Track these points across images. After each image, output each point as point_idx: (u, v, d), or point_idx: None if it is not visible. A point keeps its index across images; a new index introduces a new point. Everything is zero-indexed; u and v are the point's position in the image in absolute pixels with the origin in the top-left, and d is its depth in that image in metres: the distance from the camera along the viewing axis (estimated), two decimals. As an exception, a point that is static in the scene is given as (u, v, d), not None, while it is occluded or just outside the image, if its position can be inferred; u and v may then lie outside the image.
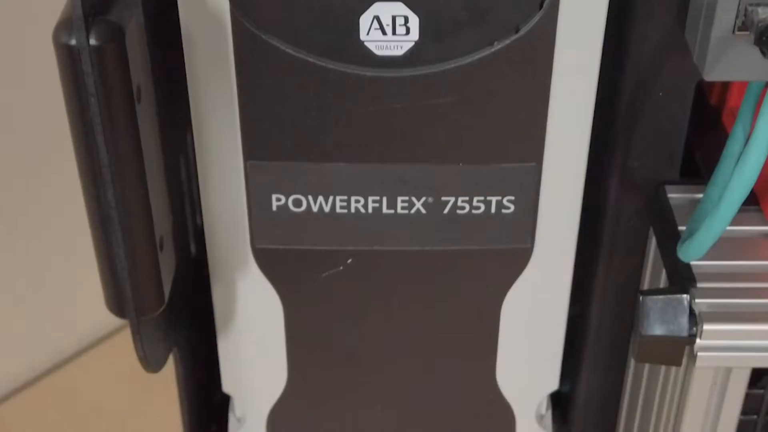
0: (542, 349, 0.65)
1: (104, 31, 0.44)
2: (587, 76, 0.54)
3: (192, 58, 0.53)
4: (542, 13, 0.51)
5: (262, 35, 0.51)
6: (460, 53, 0.52)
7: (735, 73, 0.52)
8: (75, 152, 0.47)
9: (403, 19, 0.51)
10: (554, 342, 0.65)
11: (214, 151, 0.56)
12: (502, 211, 0.57)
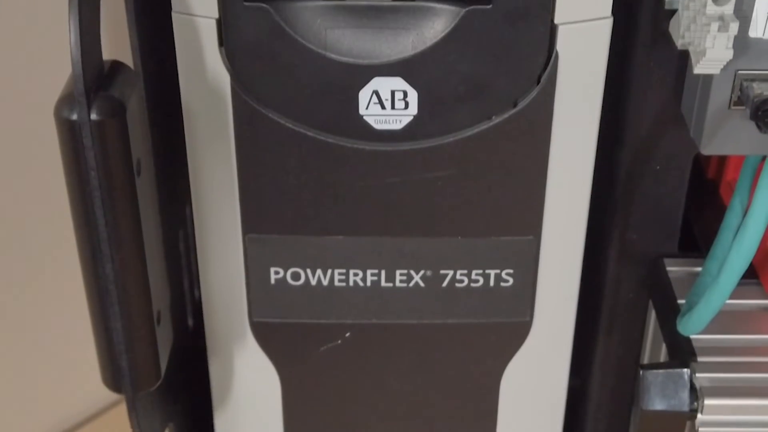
0: (542, 422, 0.64)
1: (106, 106, 0.44)
2: (585, 149, 0.54)
3: (192, 131, 0.53)
4: (540, 87, 0.51)
5: (262, 109, 0.52)
6: (459, 127, 0.52)
7: (731, 147, 0.53)
8: (74, 226, 0.47)
9: (402, 93, 0.51)
10: (554, 415, 0.64)
11: (213, 224, 0.56)
12: (501, 284, 0.57)
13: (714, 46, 0.48)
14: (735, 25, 0.47)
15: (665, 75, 0.54)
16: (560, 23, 0.50)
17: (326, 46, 0.50)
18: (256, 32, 0.50)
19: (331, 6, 0.50)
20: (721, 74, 0.50)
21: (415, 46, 0.50)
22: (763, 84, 0.50)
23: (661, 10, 0.52)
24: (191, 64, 0.51)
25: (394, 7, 0.50)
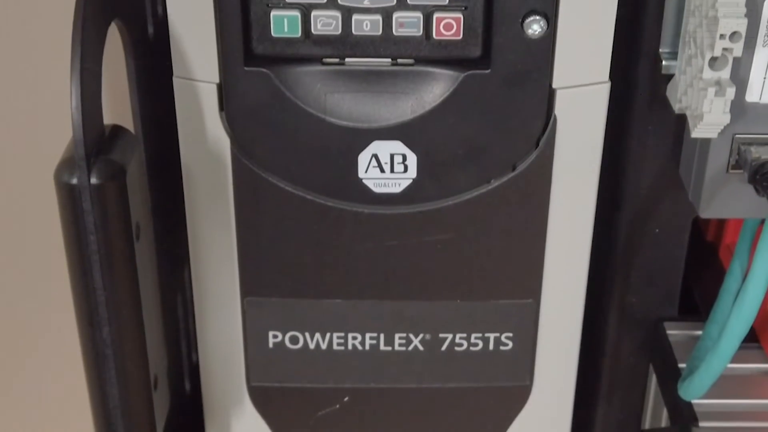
0: (543, 489, 0.63)
1: (105, 170, 0.44)
2: (584, 212, 0.54)
3: (192, 194, 0.54)
4: (539, 151, 0.52)
5: (262, 173, 0.52)
6: (458, 191, 0.52)
7: (730, 210, 0.53)
8: (72, 289, 0.47)
9: (401, 157, 0.51)
10: (555, 481, 0.63)
11: (211, 287, 0.56)
12: (501, 348, 0.57)
13: (711, 111, 0.48)
14: (732, 90, 0.48)
15: (663, 138, 0.54)
16: (558, 87, 0.50)
17: (326, 110, 0.50)
18: (257, 96, 0.50)
19: (331, 70, 0.50)
20: (718, 138, 0.50)
21: (415, 110, 0.50)
22: (761, 147, 0.50)
23: (658, 74, 0.52)
24: (192, 128, 0.51)
25: (394, 71, 0.50)
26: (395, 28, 0.49)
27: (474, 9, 0.49)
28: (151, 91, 0.52)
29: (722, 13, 0.46)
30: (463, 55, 0.50)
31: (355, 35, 0.49)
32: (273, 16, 0.48)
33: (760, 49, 0.49)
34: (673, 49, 0.52)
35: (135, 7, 0.50)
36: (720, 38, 0.46)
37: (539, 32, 0.49)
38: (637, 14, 0.52)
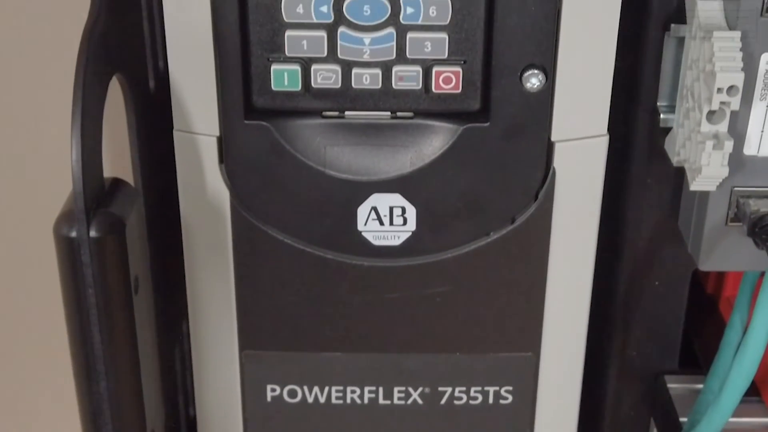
0: None
1: (105, 223, 0.44)
2: (583, 265, 0.54)
3: (191, 246, 0.53)
4: (537, 204, 0.52)
5: (261, 225, 0.52)
6: (457, 243, 0.52)
7: (729, 263, 0.53)
8: (69, 342, 0.47)
9: (400, 209, 0.51)
10: None
11: (209, 340, 0.56)
12: (500, 401, 0.57)
13: (709, 164, 0.48)
14: (729, 143, 0.48)
15: (662, 191, 0.54)
16: (557, 140, 0.51)
17: (325, 163, 0.50)
18: (257, 149, 0.50)
19: (330, 123, 0.50)
20: (717, 191, 0.50)
21: (414, 163, 0.51)
22: (760, 200, 0.51)
23: (657, 127, 0.52)
24: (191, 181, 0.51)
25: (393, 124, 0.50)
26: (395, 82, 0.49)
27: (473, 63, 0.49)
28: (151, 144, 0.52)
29: (719, 67, 0.46)
30: (462, 108, 0.50)
31: (354, 88, 0.49)
32: (273, 70, 0.49)
33: (757, 102, 0.49)
34: (671, 103, 0.52)
35: (136, 61, 0.50)
36: (717, 92, 0.47)
37: (538, 86, 0.49)
38: (635, 68, 0.52)
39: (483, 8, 0.48)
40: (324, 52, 0.49)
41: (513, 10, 0.47)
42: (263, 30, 0.48)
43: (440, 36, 0.48)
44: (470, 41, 0.49)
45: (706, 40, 0.47)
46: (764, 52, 0.48)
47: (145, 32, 0.50)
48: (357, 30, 0.48)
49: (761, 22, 0.47)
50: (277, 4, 0.47)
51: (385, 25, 0.48)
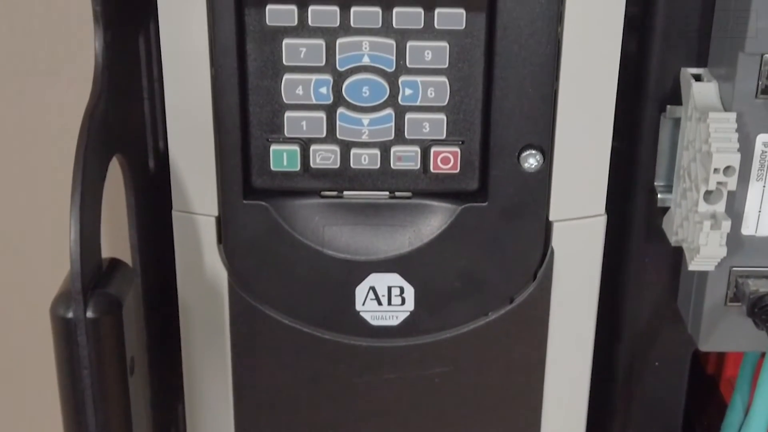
0: None
1: (102, 303, 0.44)
2: (582, 345, 0.54)
3: (187, 327, 0.53)
4: (536, 283, 0.52)
5: (259, 305, 0.51)
6: (455, 323, 0.52)
7: (730, 343, 0.52)
8: (63, 423, 0.46)
9: (398, 289, 0.51)
10: None
11: (205, 422, 0.55)
12: (501, 483, 0.56)
13: (707, 244, 0.48)
14: (727, 223, 0.48)
15: (661, 271, 0.54)
16: (555, 220, 0.51)
17: (324, 243, 0.50)
18: (255, 229, 0.50)
19: (329, 203, 0.50)
20: (715, 271, 0.50)
21: (412, 243, 0.51)
22: (759, 281, 0.51)
23: (654, 207, 0.53)
24: (189, 261, 0.51)
25: (392, 204, 0.51)
26: (393, 162, 0.50)
27: (471, 143, 0.49)
28: (149, 224, 0.52)
29: (715, 147, 0.47)
30: (460, 188, 0.50)
31: (353, 169, 0.50)
32: (272, 151, 0.49)
33: (754, 182, 0.49)
34: (668, 183, 0.52)
35: (137, 142, 0.50)
36: (714, 172, 0.47)
37: (535, 166, 0.49)
38: (632, 148, 0.52)
39: (481, 89, 0.48)
40: (323, 133, 0.49)
41: (510, 91, 0.48)
42: (263, 111, 0.49)
43: (438, 117, 0.49)
44: (468, 122, 0.49)
45: (702, 121, 0.48)
46: (760, 133, 0.49)
47: (146, 113, 0.51)
48: (356, 111, 0.49)
49: (756, 103, 0.48)
50: (277, 86, 0.48)
51: (383, 106, 0.49)
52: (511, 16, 0.47)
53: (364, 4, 0.47)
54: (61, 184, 0.46)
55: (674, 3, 0.49)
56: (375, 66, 0.48)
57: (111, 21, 0.46)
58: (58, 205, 0.51)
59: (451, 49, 0.48)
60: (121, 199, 0.51)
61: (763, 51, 0.47)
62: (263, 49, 0.47)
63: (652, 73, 0.51)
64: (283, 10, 0.47)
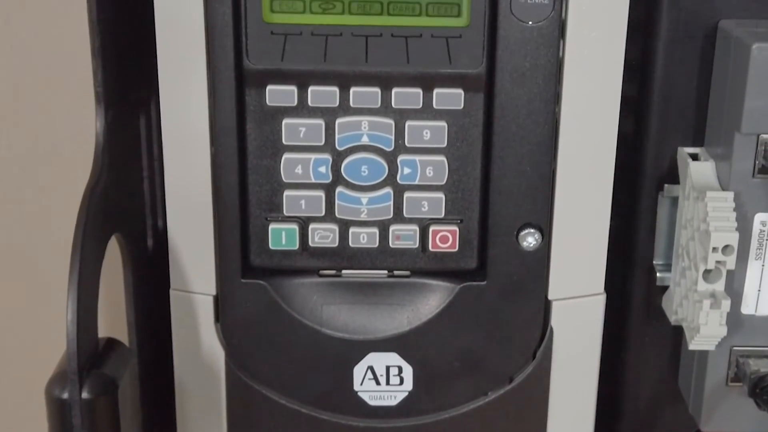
0: None
1: (97, 384, 0.43)
2: (583, 424, 0.54)
3: (184, 406, 0.53)
4: (535, 363, 0.51)
5: (256, 385, 0.51)
6: (454, 403, 0.52)
7: (731, 423, 0.52)
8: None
9: (397, 369, 0.51)
10: None
11: (200, 504, 0.54)
12: None
13: (707, 323, 0.48)
14: (727, 303, 0.48)
15: (661, 350, 0.54)
16: (554, 299, 0.51)
17: (322, 322, 0.50)
18: (253, 308, 0.50)
19: (327, 282, 0.50)
20: (716, 350, 0.50)
21: (411, 322, 0.50)
22: (760, 360, 0.50)
23: (653, 286, 0.53)
24: (186, 340, 0.51)
25: (390, 283, 0.50)
26: (392, 241, 0.50)
27: (469, 222, 0.49)
28: (147, 303, 0.52)
29: (714, 226, 0.47)
30: (458, 266, 0.50)
31: (352, 247, 0.50)
32: (271, 229, 0.49)
33: (753, 261, 0.49)
34: (667, 261, 0.52)
35: (136, 220, 0.50)
36: (713, 251, 0.47)
37: (534, 245, 0.49)
38: (630, 226, 0.52)
39: (479, 168, 0.49)
40: (322, 212, 0.49)
41: (509, 170, 0.48)
42: (262, 190, 0.49)
43: (437, 196, 0.49)
44: (467, 201, 0.49)
45: (700, 200, 0.48)
46: (757, 212, 0.49)
47: (146, 192, 0.51)
48: (355, 190, 0.49)
49: (753, 183, 0.48)
50: (276, 165, 0.48)
51: (382, 185, 0.49)
52: (508, 96, 0.47)
53: (364, 85, 0.47)
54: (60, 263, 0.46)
55: (670, 83, 0.50)
56: (374, 145, 0.48)
57: (112, 101, 0.46)
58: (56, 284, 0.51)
59: (450, 128, 0.48)
60: (118, 278, 0.51)
61: (760, 131, 0.47)
62: (263, 129, 0.48)
63: (649, 152, 0.51)
64: (283, 90, 0.47)
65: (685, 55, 0.49)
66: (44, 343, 0.63)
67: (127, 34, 0.48)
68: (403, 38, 0.46)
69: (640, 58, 0.50)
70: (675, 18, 0.49)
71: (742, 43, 0.46)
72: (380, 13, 0.46)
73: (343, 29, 0.46)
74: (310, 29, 0.46)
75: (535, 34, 0.46)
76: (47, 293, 0.68)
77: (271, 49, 0.46)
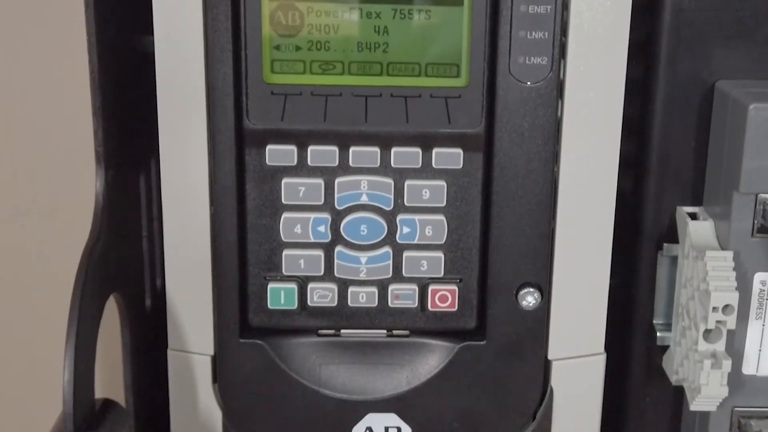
0: None
1: (93, 450, 0.43)
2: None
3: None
4: (536, 423, 0.51)
5: (253, 450, 0.51)
6: (455, 464, 0.51)
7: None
8: None
9: (396, 430, 0.50)
10: None
11: None
12: None
13: (708, 383, 0.48)
14: (728, 363, 0.47)
15: (662, 410, 0.53)
16: (554, 359, 0.50)
17: (320, 382, 0.50)
18: (251, 368, 0.49)
19: (326, 342, 0.50)
20: (717, 411, 0.49)
21: (410, 382, 0.50)
22: (761, 421, 0.50)
23: (654, 345, 0.52)
24: (184, 401, 0.51)
25: (389, 343, 0.50)
26: (391, 300, 0.49)
27: (469, 281, 0.49)
28: (144, 363, 0.51)
29: (713, 286, 0.47)
30: (458, 326, 0.50)
31: (350, 307, 0.49)
32: (270, 289, 0.49)
33: (753, 321, 0.49)
34: (667, 321, 0.52)
35: (134, 280, 0.50)
36: (713, 311, 0.47)
37: (534, 304, 0.49)
38: (630, 286, 0.52)
39: (478, 228, 0.49)
40: (321, 271, 0.49)
41: (508, 229, 0.48)
42: (261, 249, 0.49)
43: (436, 255, 0.49)
44: (466, 260, 0.49)
45: (699, 259, 0.48)
46: (757, 271, 0.49)
47: (145, 252, 0.51)
48: (354, 249, 0.49)
49: (752, 242, 0.48)
50: (276, 224, 0.48)
51: (381, 245, 0.49)
52: (507, 155, 0.47)
53: (363, 144, 0.47)
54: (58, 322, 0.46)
55: (668, 142, 0.50)
56: (373, 204, 0.48)
57: (112, 160, 0.46)
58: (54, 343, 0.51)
59: (449, 188, 0.48)
60: (116, 336, 0.51)
61: (758, 191, 0.47)
62: (262, 188, 0.48)
63: (648, 211, 0.51)
64: (283, 150, 0.47)
65: (682, 115, 0.50)
66: (43, 403, 0.62)
67: (128, 94, 0.48)
68: (403, 98, 0.47)
69: (638, 117, 0.50)
70: (672, 78, 0.49)
71: (739, 103, 0.47)
72: (380, 74, 0.47)
73: (343, 89, 0.47)
74: (310, 89, 0.46)
75: (534, 95, 0.46)
76: (45, 351, 0.68)
77: (271, 109, 0.47)
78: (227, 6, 0.45)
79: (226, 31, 0.45)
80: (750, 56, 0.49)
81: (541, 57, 0.46)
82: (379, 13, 0.46)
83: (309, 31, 0.46)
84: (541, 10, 0.46)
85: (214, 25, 0.45)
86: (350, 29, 0.46)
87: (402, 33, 0.46)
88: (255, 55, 0.46)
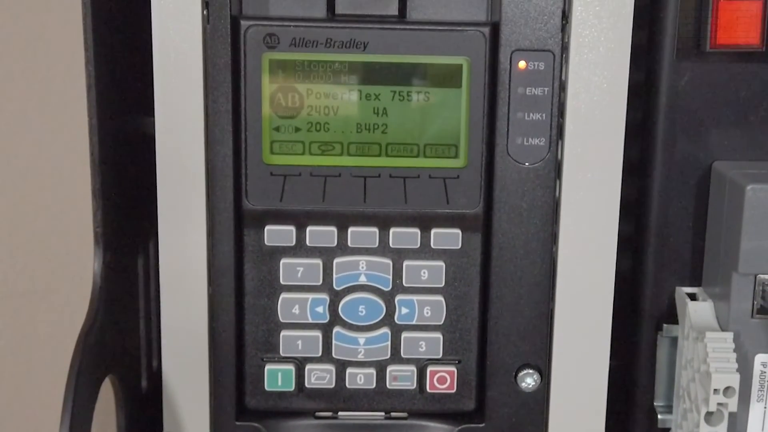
0: None
1: None
2: None
3: None
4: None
5: None
6: None
7: None
8: None
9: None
10: None
11: None
12: None
13: (711, 466, 0.47)
14: (730, 445, 0.47)
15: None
16: (553, 436, 0.50)
17: (319, 466, 0.49)
18: (249, 450, 0.49)
19: (323, 425, 0.49)
20: (721, 496, 0.49)
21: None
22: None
23: (655, 428, 0.52)
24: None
25: (387, 425, 0.50)
26: (389, 382, 0.49)
27: (468, 362, 0.49)
28: None
29: (714, 368, 0.46)
30: (457, 408, 0.49)
31: (348, 388, 0.49)
32: (267, 370, 0.49)
33: (755, 403, 0.49)
34: (668, 402, 0.52)
35: (130, 362, 0.50)
36: (714, 393, 0.46)
37: (533, 386, 0.49)
38: (630, 367, 0.52)
39: (477, 308, 0.48)
40: (319, 352, 0.49)
41: (507, 310, 0.48)
42: (258, 330, 0.48)
43: (435, 336, 0.49)
44: (465, 341, 0.49)
45: (699, 340, 0.48)
46: (758, 353, 0.48)
47: (141, 333, 0.50)
48: (352, 330, 0.48)
49: (752, 323, 0.48)
50: (273, 305, 0.48)
51: (379, 325, 0.48)
52: (506, 236, 0.47)
53: (362, 225, 0.47)
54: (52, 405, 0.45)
55: (666, 223, 0.50)
56: (372, 285, 0.48)
57: (111, 242, 0.46)
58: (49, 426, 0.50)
59: (447, 268, 0.48)
60: (111, 418, 0.50)
61: (757, 271, 0.47)
62: (261, 268, 0.48)
63: (647, 292, 0.51)
64: (281, 230, 0.47)
65: (680, 195, 0.50)
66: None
67: (127, 175, 0.48)
68: (401, 179, 0.47)
69: (636, 197, 0.50)
70: (669, 159, 0.49)
71: (736, 184, 0.47)
72: (378, 155, 0.47)
73: (342, 170, 0.47)
74: (309, 170, 0.47)
75: (532, 175, 0.47)
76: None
77: (270, 190, 0.47)
78: (227, 88, 0.46)
79: (227, 113, 0.46)
80: (746, 137, 0.49)
81: (539, 138, 0.47)
82: (378, 95, 0.46)
83: (308, 112, 0.46)
84: (539, 92, 0.46)
85: (215, 106, 0.46)
86: (349, 111, 0.46)
87: (401, 114, 0.46)
88: (255, 136, 0.46)
